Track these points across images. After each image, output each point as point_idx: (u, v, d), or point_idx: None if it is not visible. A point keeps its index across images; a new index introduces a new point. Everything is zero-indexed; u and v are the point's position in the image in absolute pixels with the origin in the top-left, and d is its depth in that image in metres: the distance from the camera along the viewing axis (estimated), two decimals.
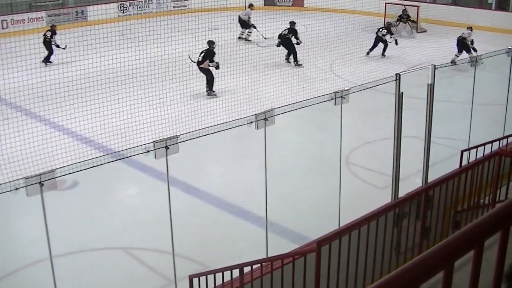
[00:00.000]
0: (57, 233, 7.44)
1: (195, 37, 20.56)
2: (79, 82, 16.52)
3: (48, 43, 23.45)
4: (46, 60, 23.11)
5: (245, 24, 27.45)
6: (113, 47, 19.36)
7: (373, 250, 7.08)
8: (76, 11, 31.75)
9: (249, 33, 27.43)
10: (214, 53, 18.70)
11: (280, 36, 22.68)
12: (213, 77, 18.62)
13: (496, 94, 14.16)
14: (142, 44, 20.52)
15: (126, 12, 33.21)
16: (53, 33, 23.77)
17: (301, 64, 22.19)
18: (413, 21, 29.52)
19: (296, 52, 22.33)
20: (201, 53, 18.92)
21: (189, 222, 10.70)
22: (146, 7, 34.24)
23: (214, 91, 18.47)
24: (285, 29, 22.88)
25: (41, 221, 6.74)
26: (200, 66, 18.81)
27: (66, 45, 21.88)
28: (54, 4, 32.65)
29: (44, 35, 23.65)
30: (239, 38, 27.33)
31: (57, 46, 23.09)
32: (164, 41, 19.12)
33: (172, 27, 21.75)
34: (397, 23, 29.26)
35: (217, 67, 18.81)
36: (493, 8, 30.41)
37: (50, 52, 23.42)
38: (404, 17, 29.53)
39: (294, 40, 22.46)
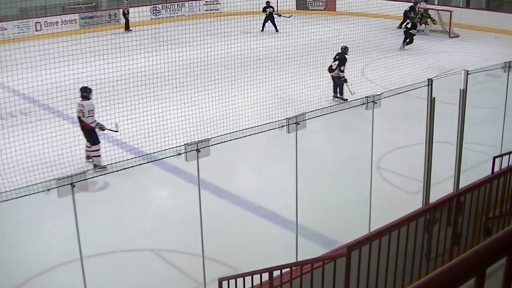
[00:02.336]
0: (87, 234, 7.50)
1: (227, 41, 20.62)
2: (111, 84, 16.64)
3: (271, 16, 30.06)
4: None
5: None
6: (145, 49, 19.51)
7: (403, 256, 7.05)
8: (109, 14, 32.06)
9: None
10: (346, 60, 18.81)
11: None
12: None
13: None
14: (174, 47, 20.63)
15: (158, 15, 33.43)
16: (271, 7, 30.65)
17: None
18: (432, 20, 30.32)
19: None
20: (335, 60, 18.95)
21: (219, 224, 10.73)
22: (179, 10, 34.42)
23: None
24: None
25: (72, 222, 6.81)
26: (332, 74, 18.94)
27: (291, 15, 28.28)
28: (87, 7, 32.99)
29: (266, 12, 30.41)
30: None
31: (280, 15, 29.58)
32: (196, 44, 19.22)
33: (204, 31, 21.92)
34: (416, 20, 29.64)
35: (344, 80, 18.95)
36: None
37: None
38: (425, 16, 29.82)
39: None
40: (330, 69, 18.68)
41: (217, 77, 18.19)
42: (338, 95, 18.54)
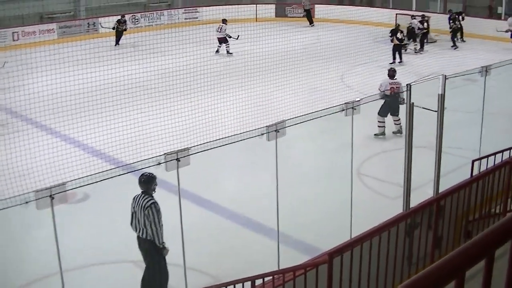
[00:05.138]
0: (67, 247, 7.45)
1: (206, 48, 20.65)
2: (90, 95, 16.57)
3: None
4: None
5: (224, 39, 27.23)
6: (124, 59, 19.42)
7: (385, 261, 7.05)
8: (88, 23, 31.88)
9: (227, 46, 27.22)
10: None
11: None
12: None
13: (506, 103, 14.14)
14: (154, 56, 20.59)
15: (137, 24, 33.33)
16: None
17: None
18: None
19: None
20: None
21: (200, 234, 10.68)
22: (158, 19, 34.36)
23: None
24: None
25: (51, 235, 6.75)
26: None
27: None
28: (65, 16, 32.81)
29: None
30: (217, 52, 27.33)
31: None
32: (176, 53, 19.18)
33: (183, 39, 21.90)
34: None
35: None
36: (502, 18, 30.36)
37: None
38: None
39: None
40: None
41: (197, 86, 18.16)
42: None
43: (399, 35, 25.25)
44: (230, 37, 26.71)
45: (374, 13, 30.90)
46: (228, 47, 26.91)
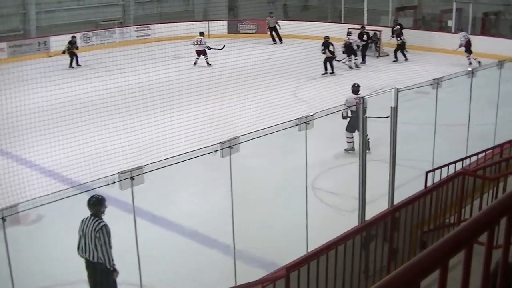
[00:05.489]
0: (21, 270, 7.30)
1: (158, 66, 20.56)
2: (42, 114, 16.33)
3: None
4: None
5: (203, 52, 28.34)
6: (76, 77, 19.25)
7: (342, 274, 7.07)
8: (39, 42, 31.51)
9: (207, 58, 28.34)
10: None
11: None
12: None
13: (458, 114, 14.34)
14: (107, 74, 20.41)
15: (89, 42, 33.07)
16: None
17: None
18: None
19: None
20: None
21: (156, 253, 10.57)
22: (110, 37, 34.17)
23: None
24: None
25: (3, 257, 6.61)
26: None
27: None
28: (16, 35, 32.37)
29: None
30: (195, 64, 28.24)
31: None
32: (129, 71, 19.07)
33: (135, 56, 21.79)
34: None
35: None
36: (452, 31, 30.90)
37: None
38: (374, 39, 29.92)
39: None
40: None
41: (150, 103, 18.05)
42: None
43: (331, 48, 26.05)
44: (210, 48, 27.85)
45: (326, 28, 31.15)
46: (207, 58, 28.01)
